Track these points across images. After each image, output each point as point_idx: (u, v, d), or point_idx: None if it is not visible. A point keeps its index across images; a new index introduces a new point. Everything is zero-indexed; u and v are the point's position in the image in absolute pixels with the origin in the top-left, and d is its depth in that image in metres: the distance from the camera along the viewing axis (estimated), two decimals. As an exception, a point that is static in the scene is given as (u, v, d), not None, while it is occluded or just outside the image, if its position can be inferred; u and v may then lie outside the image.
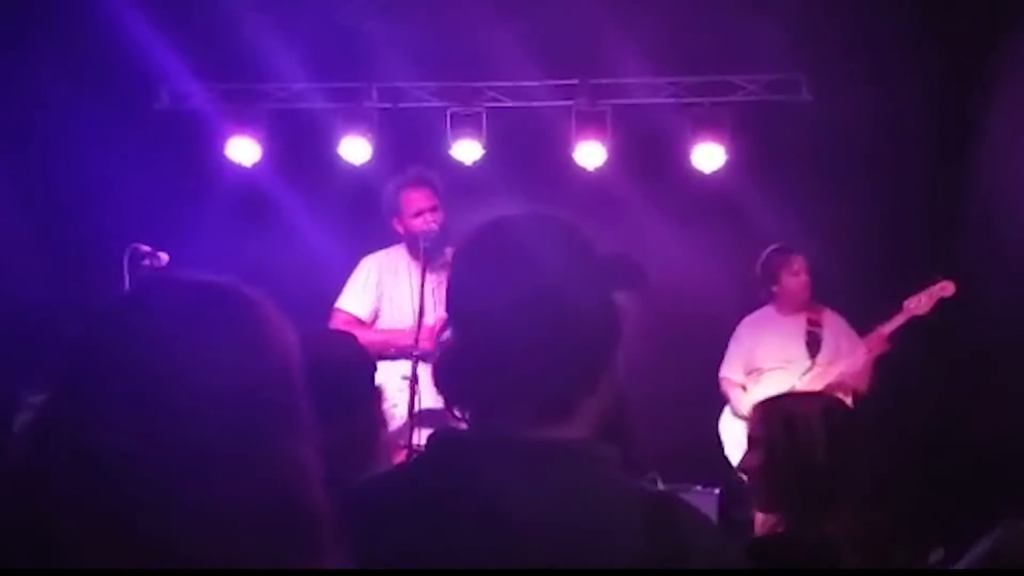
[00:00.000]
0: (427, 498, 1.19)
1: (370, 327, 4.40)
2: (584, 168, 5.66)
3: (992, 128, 5.16)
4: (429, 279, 4.10)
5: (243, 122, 5.65)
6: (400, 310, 4.40)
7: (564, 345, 1.18)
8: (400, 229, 4.44)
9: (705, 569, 1.15)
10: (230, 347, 0.97)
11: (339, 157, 5.66)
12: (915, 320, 4.67)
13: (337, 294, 4.53)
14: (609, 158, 5.63)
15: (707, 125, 5.57)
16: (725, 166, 5.59)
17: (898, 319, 4.69)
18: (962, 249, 5.23)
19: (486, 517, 1.14)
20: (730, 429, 4.96)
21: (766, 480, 2.22)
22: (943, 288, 4.66)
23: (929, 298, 4.65)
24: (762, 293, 5.01)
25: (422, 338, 4.02)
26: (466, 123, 5.66)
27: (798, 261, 4.91)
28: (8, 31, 5.07)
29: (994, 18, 5.00)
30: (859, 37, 5.12)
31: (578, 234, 1.26)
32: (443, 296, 1.48)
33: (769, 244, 5.02)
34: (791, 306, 4.93)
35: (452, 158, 5.64)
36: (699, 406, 5.06)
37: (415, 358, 3.96)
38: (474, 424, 1.24)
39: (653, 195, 5.70)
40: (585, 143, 5.61)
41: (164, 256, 3.71)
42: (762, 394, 4.68)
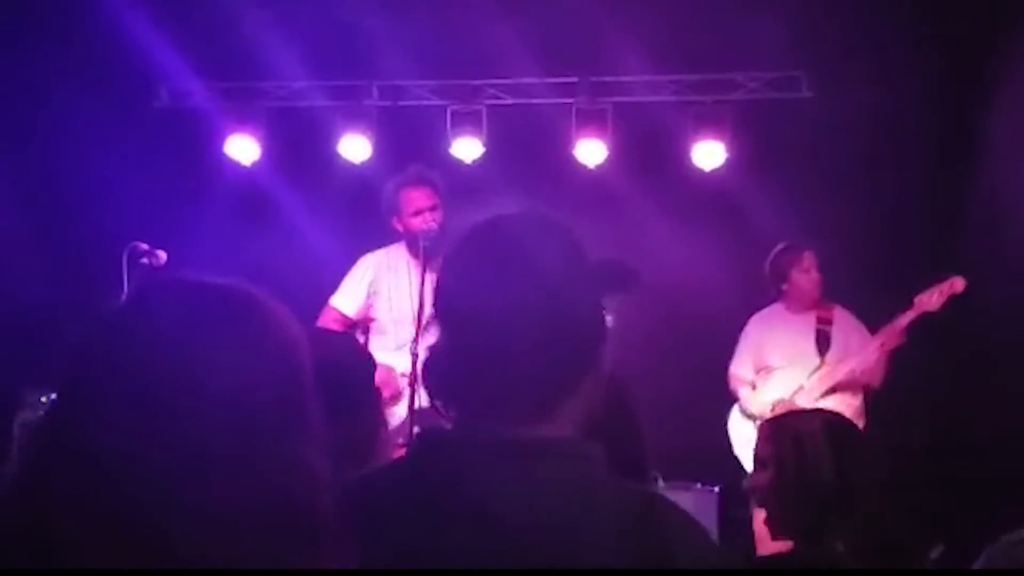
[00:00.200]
0: (413, 497, 1.18)
1: (356, 324, 4.48)
2: (584, 166, 5.66)
3: (993, 127, 5.15)
4: (429, 278, 4.10)
5: (243, 120, 5.64)
6: (399, 309, 4.42)
7: (555, 345, 1.18)
8: (400, 228, 4.44)
9: (691, 569, 1.14)
10: (233, 348, 0.96)
11: (339, 155, 5.65)
12: (925, 316, 4.57)
13: (334, 292, 4.57)
14: (610, 156, 5.63)
15: (707, 123, 5.56)
16: (725, 164, 5.58)
17: (910, 314, 4.57)
18: (963, 248, 5.22)
19: (472, 515, 1.14)
20: (739, 428, 4.90)
21: (777, 499, 2.23)
22: (954, 284, 4.54)
23: (940, 294, 4.54)
24: (772, 291, 4.92)
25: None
26: (466, 121, 5.66)
27: (809, 258, 4.82)
28: (8, 30, 5.07)
29: (995, 17, 4.99)
30: (860, 35, 5.12)
31: (570, 235, 1.27)
32: None
33: (770, 242, 4.96)
34: (801, 303, 4.84)
35: (452, 156, 5.63)
36: (700, 404, 5.05)
37: (415, 356, 3.97)
38: (459, 422, 1.24)
39: (653, 193, 5.70)
40: (585, 141, 5.60)
41: (163, 254, 3.71)
42: (772, 392, 4.71)
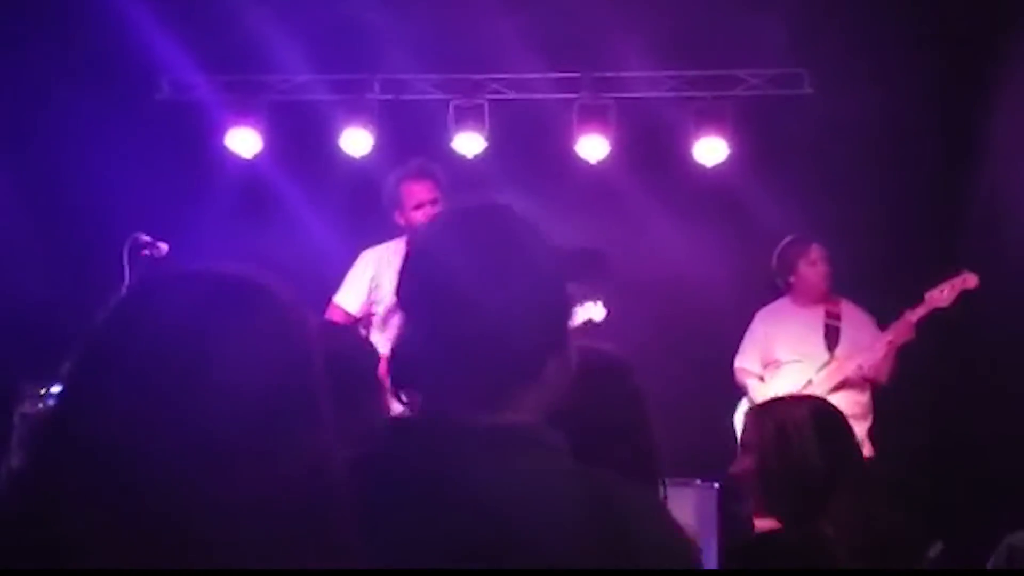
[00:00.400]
0: (377, 483, 1.18)
1: (360, 320, 4.47)
2: (586, 162, 5.65)
3: (995, 125, 5.14)
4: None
5: (244, 113, 5.62)
6: (401, 303, 4.41)
7: (520, 331, 1.19)
8: (401, 221, 4.44)
9: (655, 554, 1.15)
10: (243, 336, 0.94)
11: (340, 149, 5.64)
12: (936, 312, 4.51)
13: (337, 286, 4.57)
14: (611, 151, 5.62)
15: (709, 119, 5.55)
16: (727, 160, 5.58)
17: (920, 310, 4.52)
18: (964, 246, 5.22)
19: (438, 499, 1.15)
20: None
21: (760, 485, 2.29)
22: (966, 280, 4.49)
23: (951, 290, 4.48)
24: (779, 283, 4.87)
25: None
26: (468, 116, 5.64)
27: (816, 250, 4.77)
28: (8, 23, 5.05)
29: (997, 16, 4.99)
30: (862, 32, 5.11)
31: (537, 225, 1.28)
32: None
33: (771, 238, 4.94)
34: (809, 297, 4.78)
35: (454, 151, 5.62)
36: (701, 400, 5.03)
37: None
38: (422, 409, 1.25)
39: (655, 189, 5.69)
40: (588, 136, 5.59)
41: (164, 246, 3.69)
42: (780, 386, 4.61)
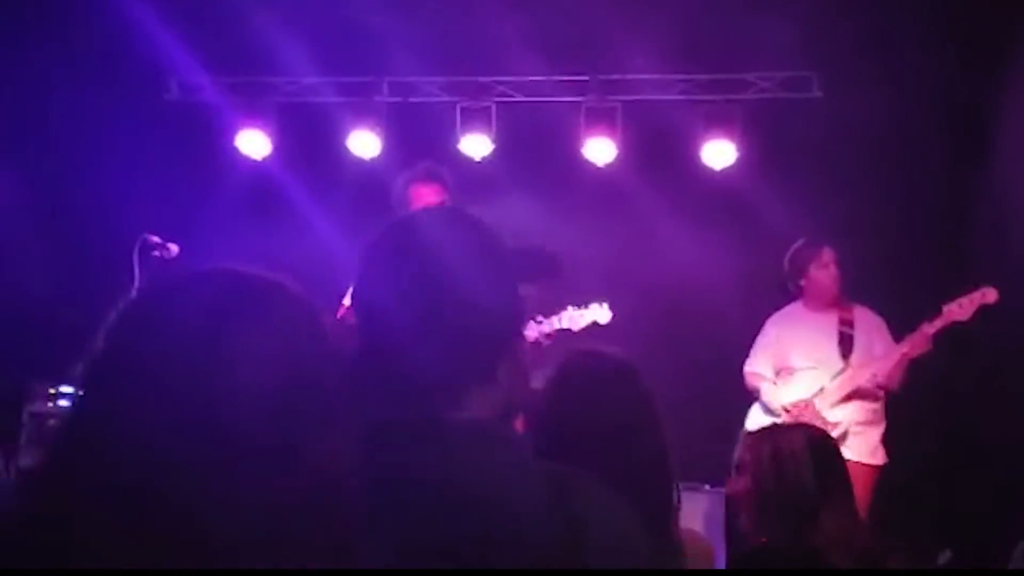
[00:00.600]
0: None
1: None
2: (593, 164, 5.65)
3: (1004, 127, 5.13)
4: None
5: (253, 115, 5.65)
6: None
7: (461, 334, 1.23)
8: (409, 223, 4.43)
9: (610, 544, 1.18)
10: (263, 338, 0.93)
11: (348, 151, 5.66)
12: (953, 326, 4.41)
13: (346, 287, 4.55)
14: (619, 154, 5.62)
15: (717, 122, 5.55)
16: (736, 163, 5.57)
17: (937, 323, 4.40)
18: (973, 248, 5.20)
19: (406, 494, 1.16)
20: (759, 423, 4.67)
21: (753, 505, 2.38)
22: (985, 295, 4.37)
23: (970, 303, 4.37)
24: (790, 287, 4.80)
25: None
26: (476, 118, 5.66)
27: (827, 253, 4.69)
28: (17, 23, 5.07)
29: (1007, 18, 4.97)
30: (871, 35, 5.10)
31: (482, 229, 1.33)
32: None
33: (780, 242, 4.89)
34: (820, 301, 4.70)
35: (461, 153, 5.63)
36: (709, 405, 5.00)
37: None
38: (379, 409, 1.26)
39: (663, 192, 5.68)
40: (595, 139, 5.59)
41: (174, 247, 3.69)
42: (793, 393, 4.61)
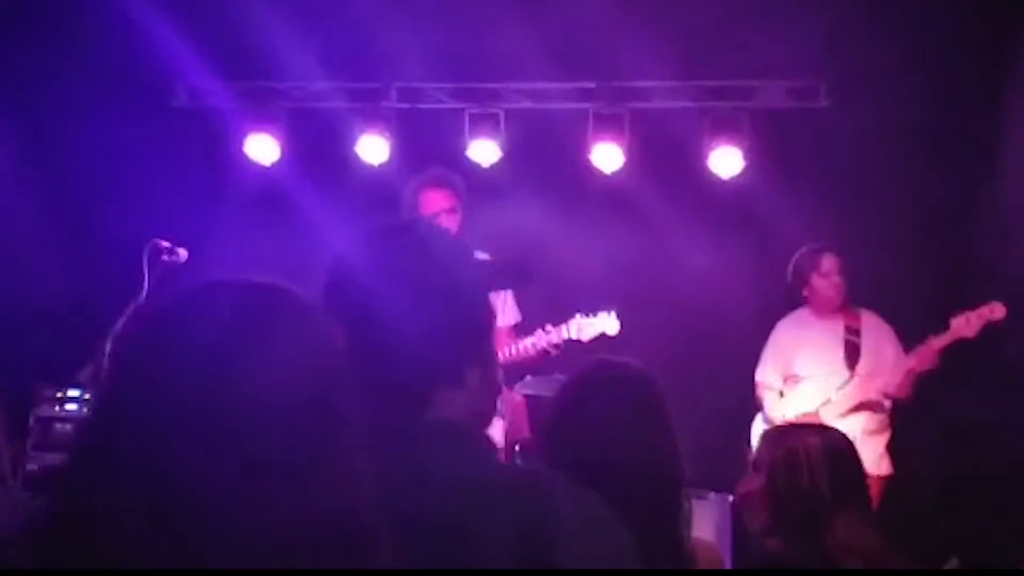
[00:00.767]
0: None
1: None
2: (601, 171, 5.65)
3: (1012, 137, 5.12)
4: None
5: (262, 120, 5.67)
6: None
7: (437, 343, 1.26)
8: (417, 229, 4.43)
9: (583, 544, 1.18)
10: (277, 351, 0.93)
11: (357, 157, 5.67)
12: (960, 341, 4.36)
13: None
14: (626, 161, 5.62)
15: (725, 129, 5.55)
16: (743, 171, 5.57)
17: (945, 338, 4.36)
18: (981, 259, 5.18)
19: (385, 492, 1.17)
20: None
21: (766, 506, 2.36)
22: (993, 311, 4.31)
23: (978, 319, 4.32)
24: (796, 295, 4.78)
25: None
26: (484, 124, 5.66)
27: (828, 261, 4.65)
28: (27, 31, 5.10)
29: (1015, 27, 4.96)
30: (879, 45, 5.09)
31: (454, 240, 1.36)
32: None
33: (787, 249, 4.88)
34: (825, 308, 4.68)
35: (470, 159, 5.64)
36: (716, 413, 4.98)
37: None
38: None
39: (670, 199, 5.68)
40: (602, 146, 5.59)
41: (183, 252, 3.69)
42: (798, 403, 4.61)
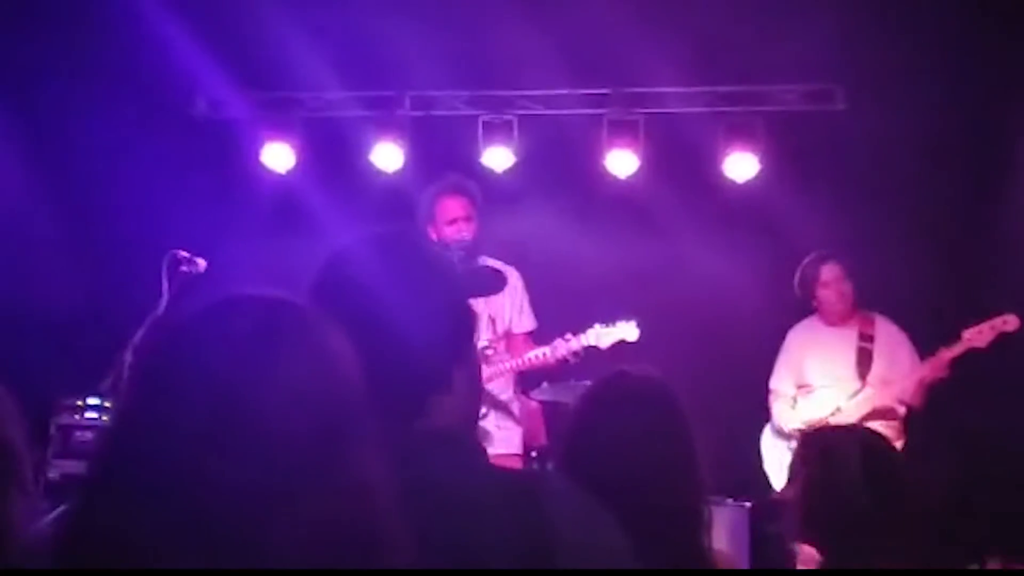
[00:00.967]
0: None
1: None
2: (616, 177, 5.65)
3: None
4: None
5: (278, 129, 5.70)
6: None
7: (431, 347, 1.27)
8: (434, 236, 4.45)
9: (582, 547, 1.18)
10: (301, 364, 0.96)
11: (372, 164, 5.69)
12: (972, 352, 4.33)
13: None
14: (641, 167, 5.61)
15: (740, 134, 5.54)
16: (758, 175, 5.56)
17: (956, 348, 4.34)
18: (996, 264, 5.15)
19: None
20: (770, 447, 4.77)
21: (801, 513, 2.24)
22: (1006, 322, 4.29)
23: (991, 330, 4.29)
24: (806, 304, 4.77)
25: None
26: (498, 131, 5.68)
27: (828, 271, 4.64)
28: (46, 41, 5.13)
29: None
30: (896, 48, 5.07)
31: (438, 247, 1.35)
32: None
33: (803, 254, 4.85)
34: (834, 316, 4.68)
35: (484, 166, 5.65)
36: (733, 419, 4.92)
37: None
38: None
39: (685, 204, 5.66)
40: (617, 152, 5.59)
41: (202, 262, 3.71)
42: (809, 412, 4.58)
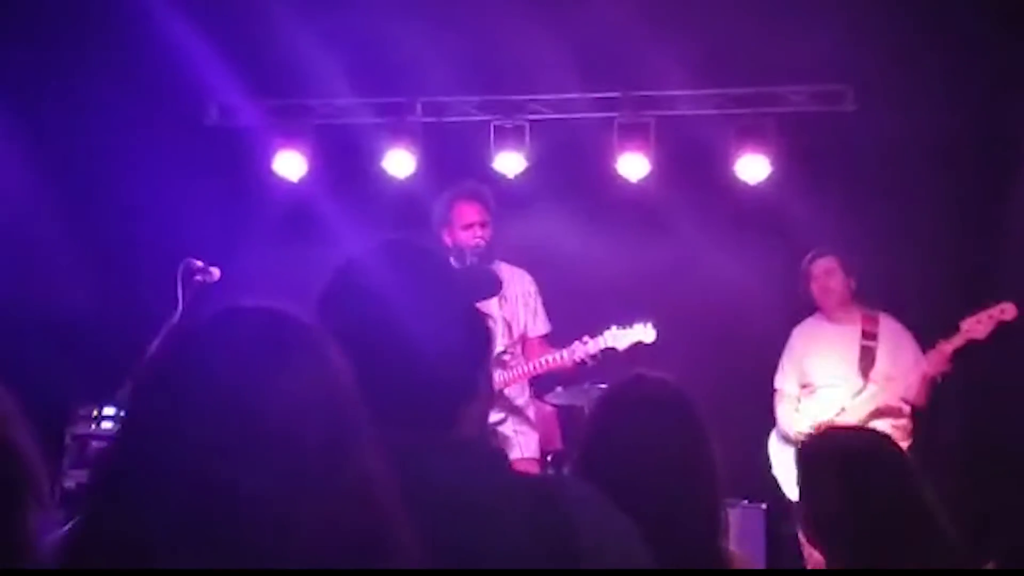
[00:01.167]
0: None
1: None
2: (627, 180, 5.66)
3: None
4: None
5: (290, 137, 5.72)
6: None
7: (460, 355, 1.29)
8: (449, 241, 4.46)
9: (602, 549, 1.20)
10: (307, 371, 1.00)
11: (384, 171, 5.71)
12: (972, 343, 4.30)
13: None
14: (652, 170, 5.62)
15: (751, 136, 5.54)
16: (769, 177, 5.56)
17: (956, 340, 4.30)
18: (1006, 263, 5.13)
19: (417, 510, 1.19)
20: (778, 452, 4.76)
21: (807, 516, 2.20)
22: (1003, 311, 4.26)
23: (988, 319, 4.26)
24: (809, 302, 4.77)
25: None
26: (509, 136, 5.69)
27: (818, 266, 4.65)
28: (60, 48, 5.17)
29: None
30: (906, 49, 5.06)
31: (441, 252, 1.35)
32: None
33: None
34: (833, 312, 4.67)
35: (495, 171, 5.66)
36: (747, 420, 4.92)
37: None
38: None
39: (697, 206, 5.66)
40: (628, 155, 5.60)
41: (216, 271, 3.72)
42: (813, 413, 4.56)
